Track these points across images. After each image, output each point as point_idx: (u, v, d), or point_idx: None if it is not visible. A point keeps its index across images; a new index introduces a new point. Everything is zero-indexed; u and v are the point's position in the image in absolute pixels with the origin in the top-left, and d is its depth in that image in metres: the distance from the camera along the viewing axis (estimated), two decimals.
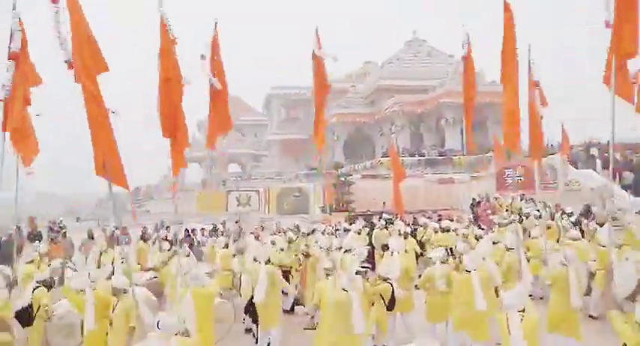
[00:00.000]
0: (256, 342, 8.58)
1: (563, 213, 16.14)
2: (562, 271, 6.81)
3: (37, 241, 16.70)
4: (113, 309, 6.10)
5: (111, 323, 6.07)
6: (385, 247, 10.05)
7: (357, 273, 7.31)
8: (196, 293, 6.09)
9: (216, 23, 8.07)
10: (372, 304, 7.39)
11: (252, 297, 8.01)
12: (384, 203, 22.56)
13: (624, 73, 6.03)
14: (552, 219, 14.95)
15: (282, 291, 8.65)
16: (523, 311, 4.90)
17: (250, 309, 8.22)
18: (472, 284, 6.70)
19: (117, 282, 6.23)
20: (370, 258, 12.52)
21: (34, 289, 7.03)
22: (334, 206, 26.70)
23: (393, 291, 7.33)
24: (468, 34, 9.50)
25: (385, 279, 7.41)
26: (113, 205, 7.04)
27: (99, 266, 10.76)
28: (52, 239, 16.88)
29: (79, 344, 6.84)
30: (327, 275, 7.08)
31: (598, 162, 22.59)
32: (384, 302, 7.32)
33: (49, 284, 7.67)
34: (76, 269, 9.13)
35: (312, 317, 7.13)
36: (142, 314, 5.84)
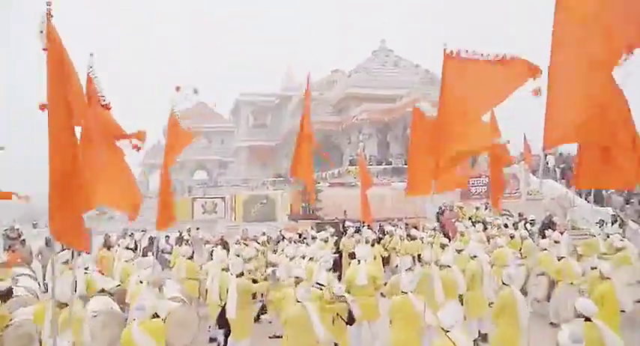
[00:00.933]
0: None
1: (526, 221, 16.54)
2: (507, 292, 6.73)
3: None
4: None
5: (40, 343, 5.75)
6: (352, 255, 10.09)
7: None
8: (142, 328, 5.53)
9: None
10: (333, 320, 7.39)
11: (224, 307, 7.93)
12: (345, 211, 22.67)
13: None
14: (516, 229, 15.29)
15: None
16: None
17: (221, 320, 8.12)
18: (411, 307, 6.49)
19: (59, 293, 5.77)
20: (337, 266, 12.59)
21: None
22: (301, 214, 26.64)
23: (350, 310, 7.33)
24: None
25: (339, 297, 7.37)
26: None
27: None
28: (9, 247, 16.31)
29: None
30: (297, 283, 7.09)
31: (557, 171, 23.24)
32: (342, 319, 7.32)
33: (5, 293, 7.44)
34: (35, 278, 8.86)
35: (270, 322, 7.17)
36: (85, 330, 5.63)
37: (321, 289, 7.29)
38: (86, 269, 9.66)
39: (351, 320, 7.35)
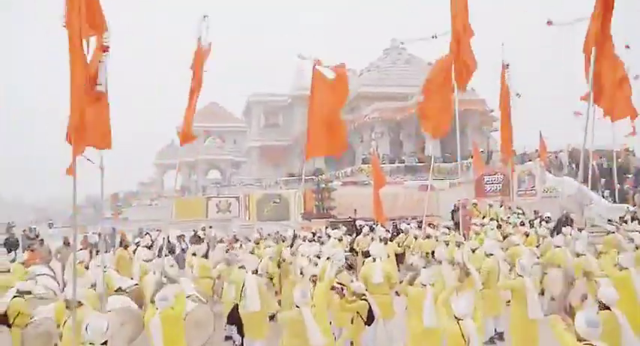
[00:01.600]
0: None
1: (542, 219, 16.40)
2: (519, 281, 6.80)
3: (13, 249, 16.40)
4: (64, 323, 5.82)
5: (61, 338, 5.82)
6: (367, 254, 10.08)
7: (332, 289, 7.38)
8: (164, 316, 5.83)
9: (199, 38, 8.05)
10: (352, 320, 7.41)
11: (237, 306, 7.96)
12: (355, 210, 22.67)
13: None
14: (532, 226, 15.17)
15: None
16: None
17: (234, 319, 8.14)
18: (424, 300, 6.43)
19: (69, 294, 5.81)
20: (351, 265, 12.59)
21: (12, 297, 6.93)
22: (315, 213, 26.69)
23: (370, 308, 7.34)
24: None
25: (359, 296, 7.38)
26: (74, 208, 6.74)
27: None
28: (28, 246, 16.55)
29: None
30: (314, 281, 7.08)
31: (574, 168, 22.97)
32: (362, 318, 7.33)
33: (26, 292, 7.56)
34: (54, 277, 8.98)
35: None
36: None
37: (342, 288, 7.30)
38: (105, 268, 9.78)
39: (370, 320, 7.36)
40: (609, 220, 15.73)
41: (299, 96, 57.44)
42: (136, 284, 9.32)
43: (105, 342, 4.36)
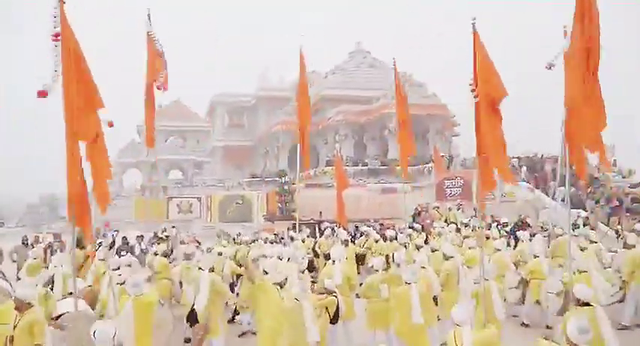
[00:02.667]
0: None
1: (498, 224, 16.77)
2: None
3: None
4: (15, 325, 5.53)
5: (12, 341, 5.54)
6: (328, 256, 10.09)
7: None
8: (137, 302, 5.89)
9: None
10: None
11: (194, 305, 7.85)
12: (320, 212, 22.75)
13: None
14: (488, 229, 15.47)
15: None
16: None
17: (192, 318, 8.02)
18: (410, 297, 6.72)
19: (21, 294, 5.66)
20: (314, 267, 12.61)
21: None
22: (278, 214, 26.64)
23: (337, 304, 7.38)
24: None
25: (330, 292, 7.43)
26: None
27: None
28: None
29: None
30: (281, 286, 7.00)
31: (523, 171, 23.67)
32: (329, 314, 7.36)
33: None
34: (5, 279, 8.65)
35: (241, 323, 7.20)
36: (47, 332, 5.54)
37: (313, 283, 7.32)
38: (61, 267, 9.55)
39: (335, 318, 7.39)
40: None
41: (263, 96, 57.22)
42: (89, 286, 9.08)
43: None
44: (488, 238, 13.69)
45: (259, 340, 6.29)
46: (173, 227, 18.15)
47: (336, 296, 7.36)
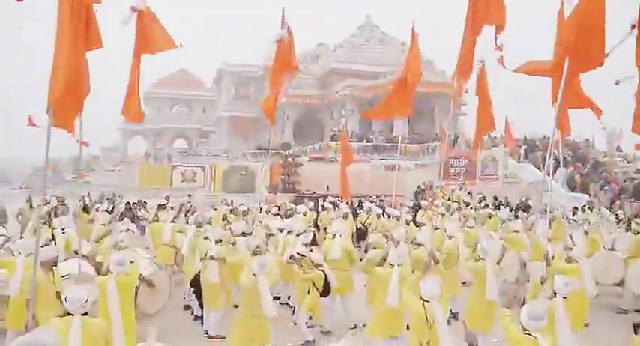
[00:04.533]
0: (195, 319, 8.56)
1: (500, 204, 16.80)
2: (480, 264, 6.91)
3: None
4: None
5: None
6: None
7: (290, 258, 7.43)
8: (119, 280, 5.80)
9: None
10: (309, 291, 7.51)
11: (199, 274, 7.94)
12: (327, 186, 22.76)
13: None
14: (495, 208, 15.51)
15: None
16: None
17: (196, 287, 8.13)
18: (390, 280, 6.35)
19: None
20: (315, 240, 12.70)
21: None
22: (280, 187, 26.68)
23: (326, 278, 7.44)
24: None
25: (317, 266, 7.49)
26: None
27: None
28: None
29: None
30: (255, 253, 7.08)
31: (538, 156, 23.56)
32: (317, 289, 7.43)
33: None
34: (9, 238, 8.75)
35: None
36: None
37: (302, 257, 7.37)
38: (63, 230, 9.68)
39: (325, 292, 7.45)
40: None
41: (270, 67, 56.69)
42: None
43: (85, 313, 4.31)
44: (491, 217, 13.76)
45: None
46: (189, 195, 18.24)
47: (322, 271, 7.40)
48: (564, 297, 5.55)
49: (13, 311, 6.26)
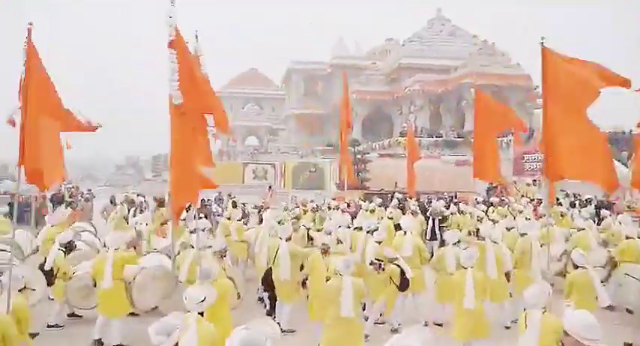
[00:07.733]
0: (267, 313, 8.74)
1: (581, 201, 16.04)
2: (582, 273, 6.48)
3: (61, 205, 17.02)
4: None
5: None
6: (398, 227, 10.09)
7: (370, 264, 7.43)
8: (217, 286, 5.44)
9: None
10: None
11: (270, 270, 8.13)
12: (395, 183, 22.59)
13: None
14: (573, 207, 14.85)
15: None
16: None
17: (267, 283, 8.33)
18: (464, 283, 6.17)
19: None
20: None
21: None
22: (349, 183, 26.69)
23: (402, 272, 7.38)
24: None
25: (391, 261, 7.44)
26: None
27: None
28: (69, 203, 17.14)
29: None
30: (324, 251, 7.18)
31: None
32: (395, 283, 7.38)
33: (68, 248, 7.92)
34: (96, 234, 9.33)
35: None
36: None
37: (380, 264, 7.36)
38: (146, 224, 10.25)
39: (403, 285, 7.39)
40: None
41: (338, 65, 56.89)
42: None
43: (201, 313, 4.44)
44: (563, 216, 13.15)
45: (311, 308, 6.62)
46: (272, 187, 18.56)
47: (398, 265, 7.38)
48: None
49: (108, 301, 6.81)
